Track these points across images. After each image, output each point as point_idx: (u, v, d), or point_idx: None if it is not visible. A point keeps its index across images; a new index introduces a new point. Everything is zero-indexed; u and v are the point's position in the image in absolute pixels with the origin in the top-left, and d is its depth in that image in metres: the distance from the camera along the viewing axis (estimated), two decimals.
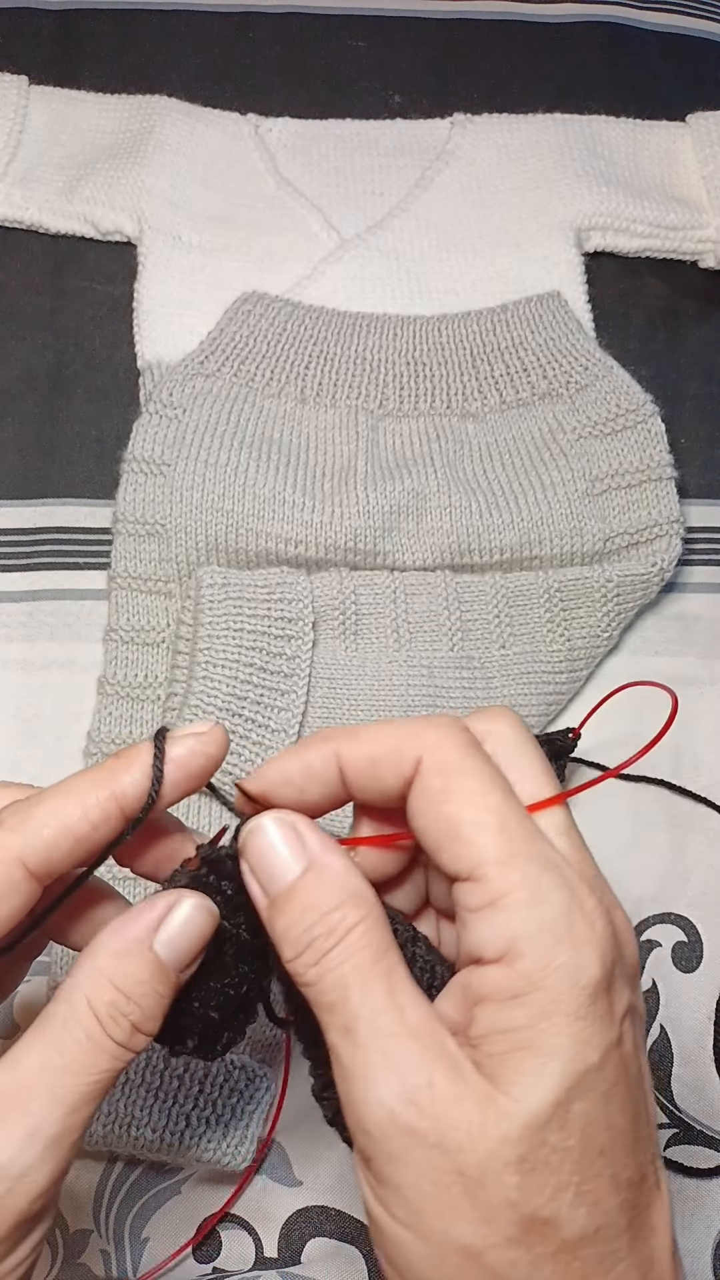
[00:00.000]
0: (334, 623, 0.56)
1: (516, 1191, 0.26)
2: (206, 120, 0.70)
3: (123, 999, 0.30)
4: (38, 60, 0.72)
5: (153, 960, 0.30)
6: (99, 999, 0.30)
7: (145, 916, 0.30)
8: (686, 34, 0.78)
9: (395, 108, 0.74)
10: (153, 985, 0.30)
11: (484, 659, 0.57)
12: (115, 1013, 0.30)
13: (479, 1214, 0.26)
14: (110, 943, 0.30)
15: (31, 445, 0.63)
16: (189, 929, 0.31)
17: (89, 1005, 0.30)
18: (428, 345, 0.64)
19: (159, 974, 0.30)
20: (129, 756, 0.31)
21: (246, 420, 0.60)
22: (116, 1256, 0.48)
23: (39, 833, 0.30)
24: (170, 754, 0.31)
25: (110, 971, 0.30)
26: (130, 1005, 0.30)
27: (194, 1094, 0.48)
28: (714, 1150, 0.52)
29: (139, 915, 0.31)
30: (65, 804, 0.31)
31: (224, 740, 0.32)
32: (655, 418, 0.61)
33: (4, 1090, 0.29)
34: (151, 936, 0.30)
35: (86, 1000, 0.30)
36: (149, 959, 0.30)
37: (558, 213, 0.68)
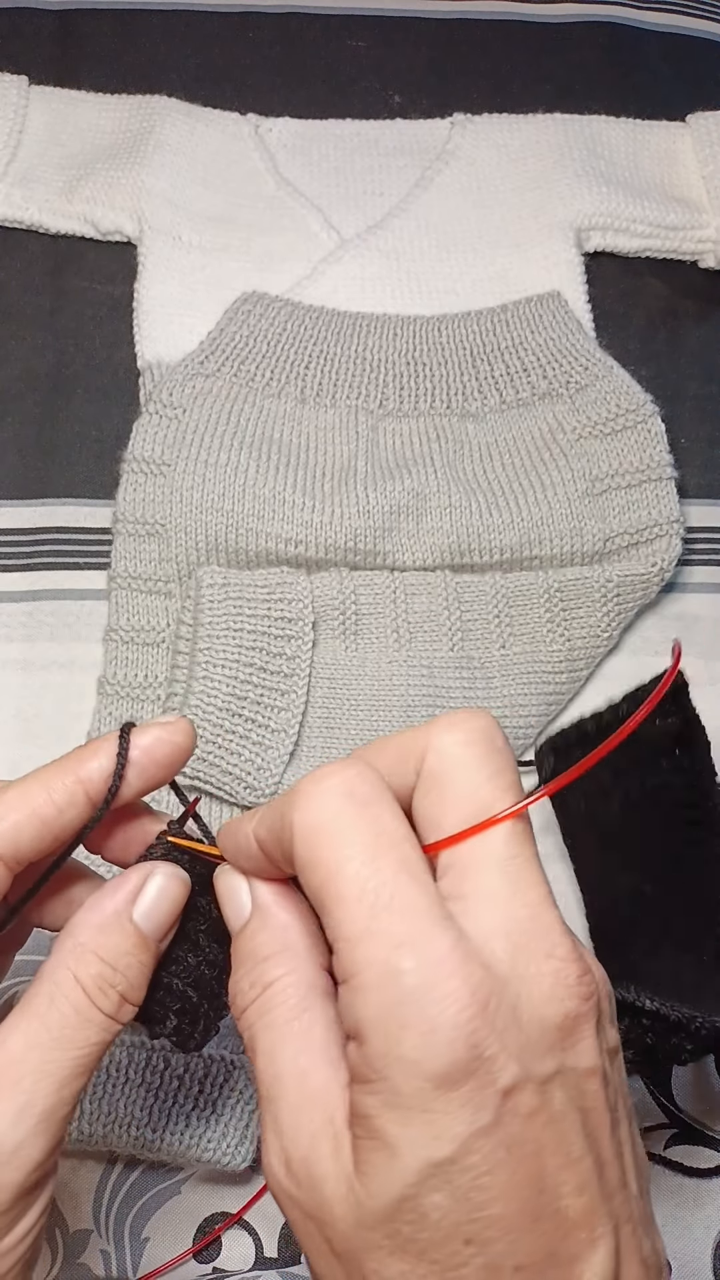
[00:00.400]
0: (334, 623, 0.57)
1: (376, 1275, 0.25)
2: (206, 120, 0.70)
3: (109, 970, 0.30)
4: (38, 60, 0.72)
5: (133, 931, 0.31)
6: (85, 972, 0.30)
7: (122, 889, 0.31)
8: (686, 34, 0.78)
9: (395, 108, 0.74)
10: (136, 955, 0.31)
11: (484, 659, 0.57)
12: (103, 984, 0.30)
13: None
14: (89, 918, 0.31)
15: (31, 445, 0.63)
16: (164, 898, 0.31)
17: (75, 979, 0.30)
18: (428, 345, 0.64)
19: (141, 944, 0.31)
20: (95, 744, 0.32)
21: (246, 420, 0.60)
22: (116, 1256, 0.48)
23: (5, 818, 0.31)
24: (137, 742, 0.32)
25: (94, 945, 0.30)
26: (117, 976, 0.30)
27: (194, 1094, 0.48)
28: (714, 1150, 0.52)
29: (116, 889, 0.31)
30: (31, 790, 0.31)
31: (190, 730, 0.33)
32: (655, 418, 0.61)
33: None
34: (130, 908, 0.31)
35: (72, 975, 0.30)
36: (130, 930, 0.31)
37: (558, 213, 0.68)
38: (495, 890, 0.27)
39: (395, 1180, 0.25)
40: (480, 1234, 0.25)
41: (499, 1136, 0.25)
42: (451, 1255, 0.25)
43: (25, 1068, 0.29)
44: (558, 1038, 0.26)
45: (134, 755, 0.32)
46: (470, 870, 0.27)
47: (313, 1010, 0.28)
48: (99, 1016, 0.30)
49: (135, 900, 0.31)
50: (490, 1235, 0.25)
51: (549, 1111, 0.25)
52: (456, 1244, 0.25)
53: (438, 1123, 0.25)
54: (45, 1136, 0.29)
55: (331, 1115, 0.26)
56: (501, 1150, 0.25)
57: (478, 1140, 0.25)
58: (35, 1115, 0.29)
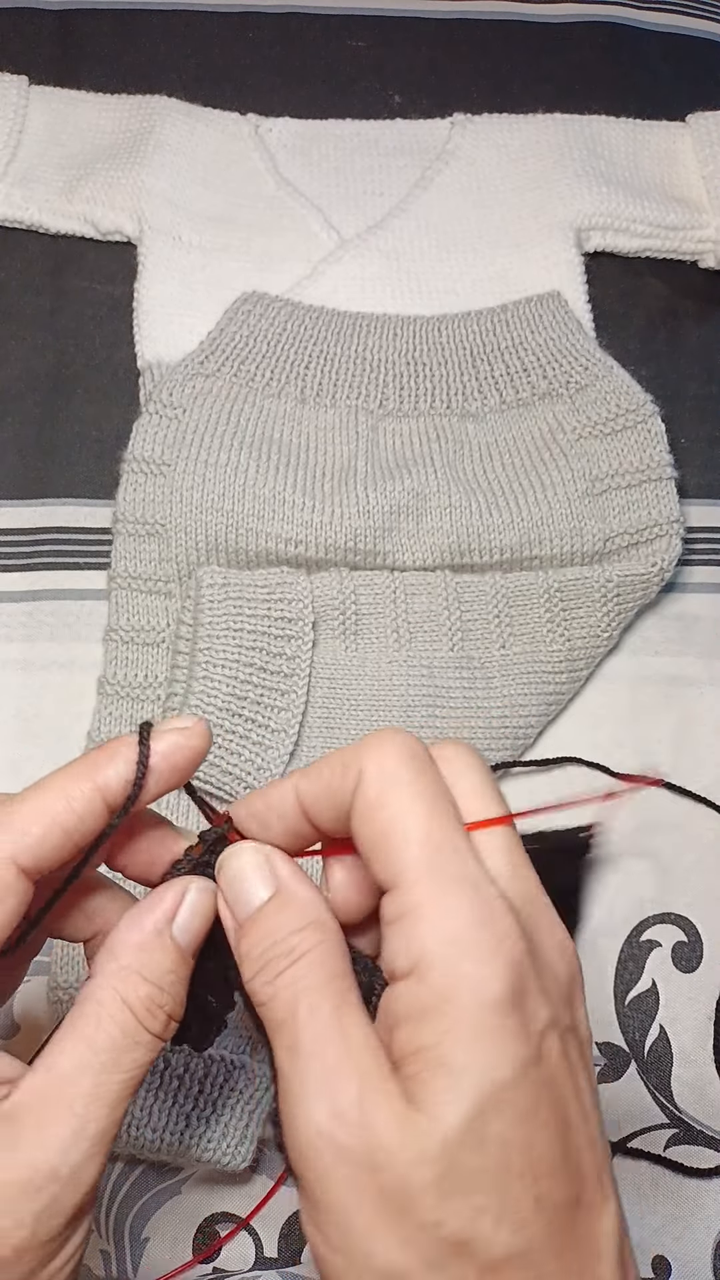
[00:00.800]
0: (334, 623, 0.57)
1: (435, 1213, 0.26)
2: (206, 120, 0.70)
3: (156, 991, 0.30)
4: (38, 60, 0.72)
5: (174, 949, 0.31)
6: (133, 994, 0.30)
7: (160, 907, 0.31)
8: (686, 34, 0.78)
9: (395, 108, 0.74)
10: (178, 973, 0.31)
11: (484, 659, 0.57)
12: (151, 1005, 0.30)
13: (400, 1235, 0.26)
14: (129, 937, 0.31)
15: (31, 445, 0.63)
16: (198, 913, 0.32)
17: (123, 1001, 0.30)
18: (428, 345, 0.64)
19: (182, 960, 0.31)
20: (111, 749, 0.32)
21: (246, 420, 0.60)
22: (116, 1256, 0.48)
23: (27, 830, 0.31)
24: (155, 747, 0.32)
25: (138, 965, 0.31)
26: (164, 995, 0.31)
27: (194, 1094, 0.48)
28: (714, 1150, 0.52)
29: (154, 906, 0.31)
30: (50, 799, 0.31)
31: (207, 734, 0.33)
32: (655, 418, 0.61)
33: (46, 1093, 0.29)
34: (169, 926, 0.31)
35: (120, 997, 0.30)
36: (170, 948, 0.31)
37: (558, 213, 0.68)
38: (505, 871, 0.29)
39: (463, 1103, 0.26)
40: (531, 1167, 0.26)
41: (540, 1071, 0.27)
42: (507, 1187, 0.26)
43: (77, 1091, 0.29)
44: (567, 994, 0.29)
45: (152, 761, 0.32)
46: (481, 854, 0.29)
47: (347, 978, 0.29)
48: (147, 1037, 0.30)
49: (173, 917, 0.31)
50: (540, 1170, 0.26)
51: (569, 1061, 0.28)
52: (512, 1176, 0.26)
53: (500, 1043, 0.26)
54: (99, 1158, 0.29)
55: (378, 1062, 0.27)
56: (542, 1087, 0.27)
57: (528, 1069, 0.26)
58: (90, 1138, 0.29)
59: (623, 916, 0.55)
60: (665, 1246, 0.50)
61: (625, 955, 0.55)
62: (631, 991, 0.54)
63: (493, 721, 0.56)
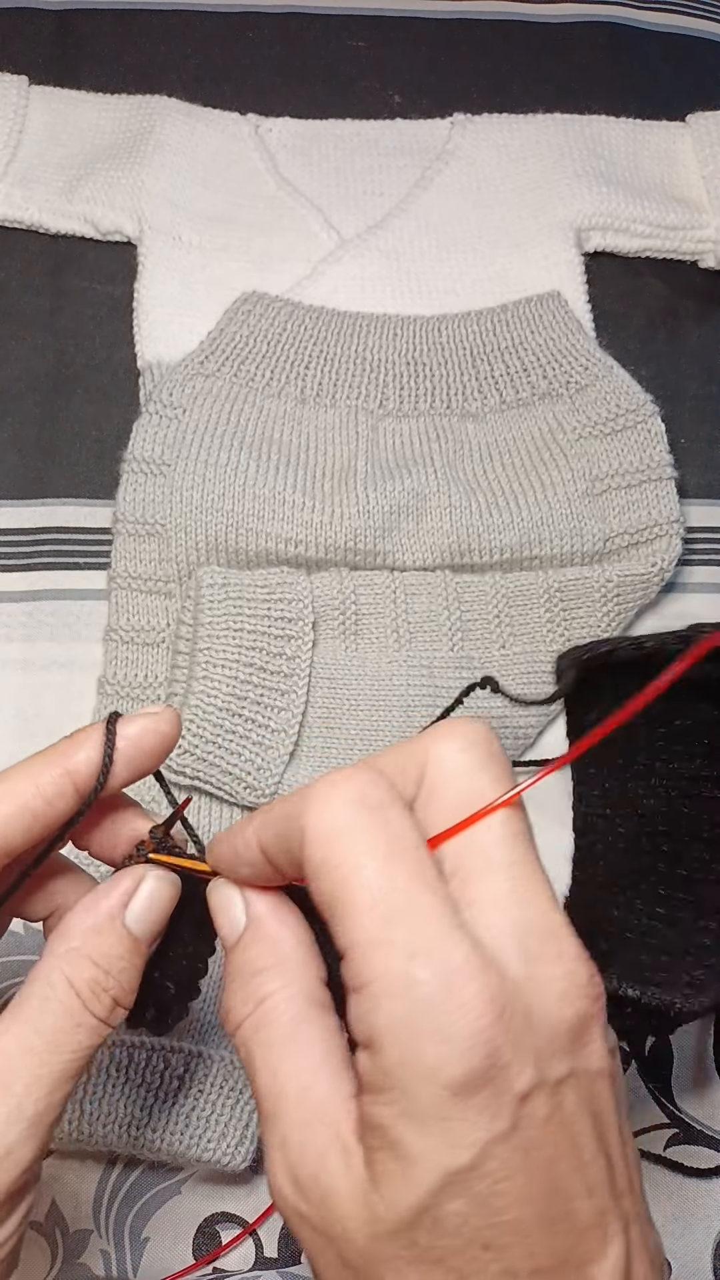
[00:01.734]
0: (334, 623, 0.57)
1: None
2: (206, 120, 0.70)
3: (102, 974, 0.30)
4: (38, 60, 0.72)
5: (126, 935, 0.31)
6: (80, 976, 0.30)
7: (114, 893, 0.31)
8: (686, 34, 0.78)
9: (395, 108, 0.74)
10: (129, 959, 0.31)
11: (484, 659, 0.57)
12: (96, 988, 0.30)
13: None
14: (82, 921, 0.31)
15: (31, 445, 0.63)
16: (155, 902, 0.32)
17: (69, 983, 0.30)
18: (428, 345, 0.64)
19: (133, 948, 0.31)
20: (81, 735, 0.32)
21: (246, 420, 0.60)
22: (116, 1256, 0.48)
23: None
24: (124, 732, 0.32)
25: (88, 949, 0.31)
26: (110, 980, 0.30)
27: (194, 1094, 0.48)
28: (714, 1150, 0.52)
29: (108, 892, 0.31)
30: (18, 782, 0.31)
31: (175, 720, 0.33)
32: (655, 418, 0.61)
33: None
34: (122, 912, 0.31)
35: (66, 979, 0.30)
36: (123, 934, 0.31)
37: (558, 213, 0.68)
38: (503, 895, 0.26)
39: (413, 1190, 0.25)
40: (498, 1239, 0.25)
41: (516, 1142, 0.25)
42: (470, 1261, 0.25)
43: (17, 1072, 0.29)
44: (569, 1040, 0.26)
45: (121, 746, 0.32)
46: (475, 876, 0.27)
47: (310, 1023, 0.28)
48: (91, 1020, 0.30)
49: (128, 904, 0.31)
50: (508, 1240, 0.25)
51: (562, 1115, 0.25)
52: (475, 1250, 0.25)
53: (456, 1131, 0.24)
54: (35, 1140, 0.29)
55: (339, 1129, 0.26)
56: (519, 1155, 0.25)
57: (496, 1146, 0.25)
58: (26, 1119, 0.29)
59: None
60: (665, 1246, 0.50)
61: None
62: None
63: (492, 722, 0.56)
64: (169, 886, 0.32)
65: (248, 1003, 0.28)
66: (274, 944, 0.29)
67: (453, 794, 0.27)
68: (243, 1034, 0.28)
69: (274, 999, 0.28)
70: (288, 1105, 0.27)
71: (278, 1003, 0.28)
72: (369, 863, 0.26)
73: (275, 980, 0.28)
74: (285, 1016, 0.28)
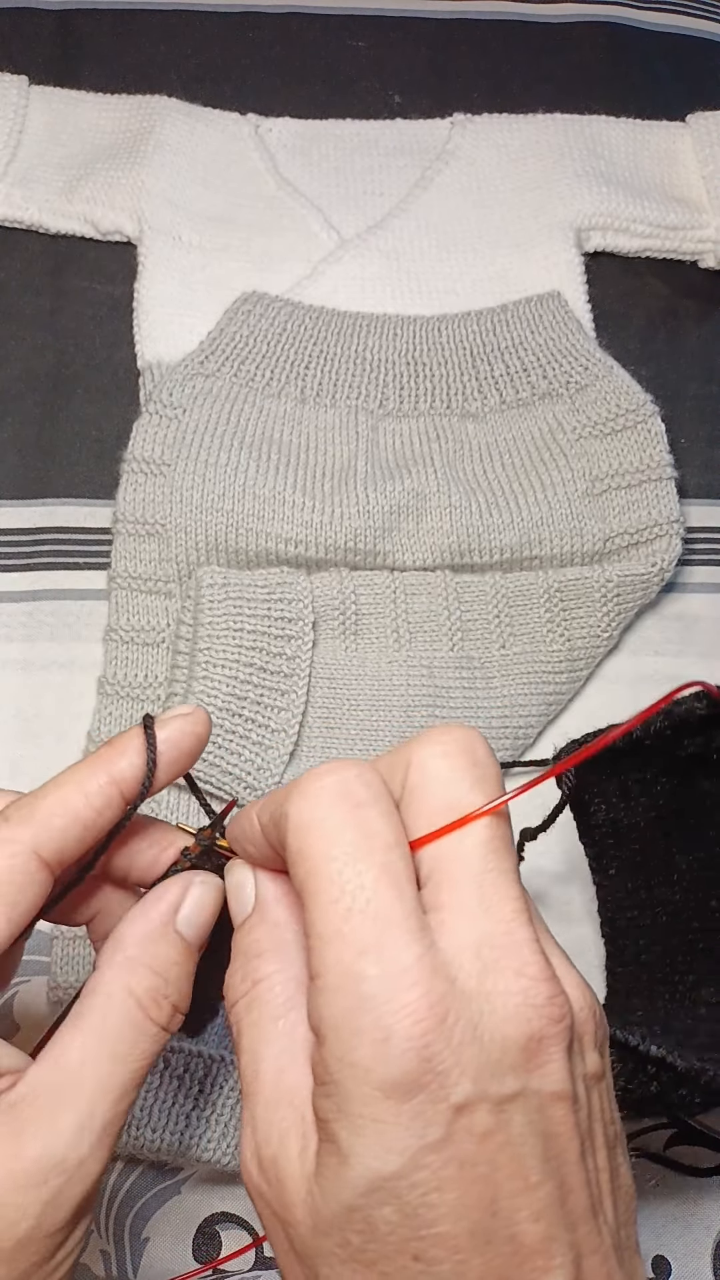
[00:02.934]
0: (334, 623, 0.56)
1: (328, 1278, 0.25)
2: (206, 120, 0.70)
3: (161, 982, 0.31)
4: (38, 60, 0.72)
5: (179, 941, 0.31)
6: (139, 985, 0.30)
7: (165, 899, 0.32)
8: (686, 34, 0.78)
9: (395, 108, 0.74)
10: (183, 965, 0.31)
11: (484, 659, 0.57)
12: (157, 996, 0.30)
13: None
14: (135, 929, 0.31)
15: (31, 445, 0.63)
16: (204, 906, 0.32)
17: (129, 992, 0.30)
18: (428, 345, 0.64)
19: (187, 953, 0.31)
20: (122, 742, 0.32)
21: (246, 420, 0.60)
22: (116, 1256, 0.48)
23: (49, 823, 0.31)
24: (161, 735, 0.32)
25: (144, 957, 0.31)
26: (169, 987, 0.31)
27: (194, 1094, 0.48)
28: (714, 1150, 0.52)
29: (159, 899, 0.32)
30: (69, 793, 0.31)
31: (207, 720, 0.33)
32: (655, 418, 0.61)
33: (53, 1086, 0.29)
34: (174, 918, 0.31)
35: (126, 988, 0.30)
36: (176, 940, 0.31)
37: (558, 213, 0.68)
38: (469, 904, 0.26)
39: (345, 1189, 0.25)
40: (427, 1252, 0.25)
41: (449, 1153, 0.24)
42: (400, 1270, 0.25)
43: (84, 1083, 0.29)
44: (520, 1058, 0.25)
45: (159, 749, 0.32)
46: (448, 882, 0.27)
47: (298, 1010, 0.28)
48: (153, 1028, 0.30)
49: (178, 910, 0.32)
50: (438, 1254, 0.25)
51: (506, 1133, 0.25)
52: (405, 1259, 0.25)
53: (387, 1134, 0.24)
54: (105, 1150, 0.29)
55: (303, 1114, 0.27)
56: (452, 1168, 0.24)
57: (426, 1155, 0.24)
58: (96, 1130, 0.29)
59: None
60: (665, 1246, 0.50)
61: None
62: None
63: (493, 721, 0.56)
64: (214, 891, 0.32)
65: (245, 982, 0.29)
66: (276, 928, 0.30)
67: (431, 799, 0.28)
68: (236, 1012, 0.29)
69: (269, 981, 0.29)
70: (262, 1085, 0.27)
71: (271, 985, 0.29)
72: (339, 855, 0.26)
73: (273, 963, 0.29)
74: (276, 1000, 0.28)
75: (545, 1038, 0.26)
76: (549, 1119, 0.26)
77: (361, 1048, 0.25)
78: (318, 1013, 0.26)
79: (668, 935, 0.48)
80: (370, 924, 0.25)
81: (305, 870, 0.27)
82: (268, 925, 0.30)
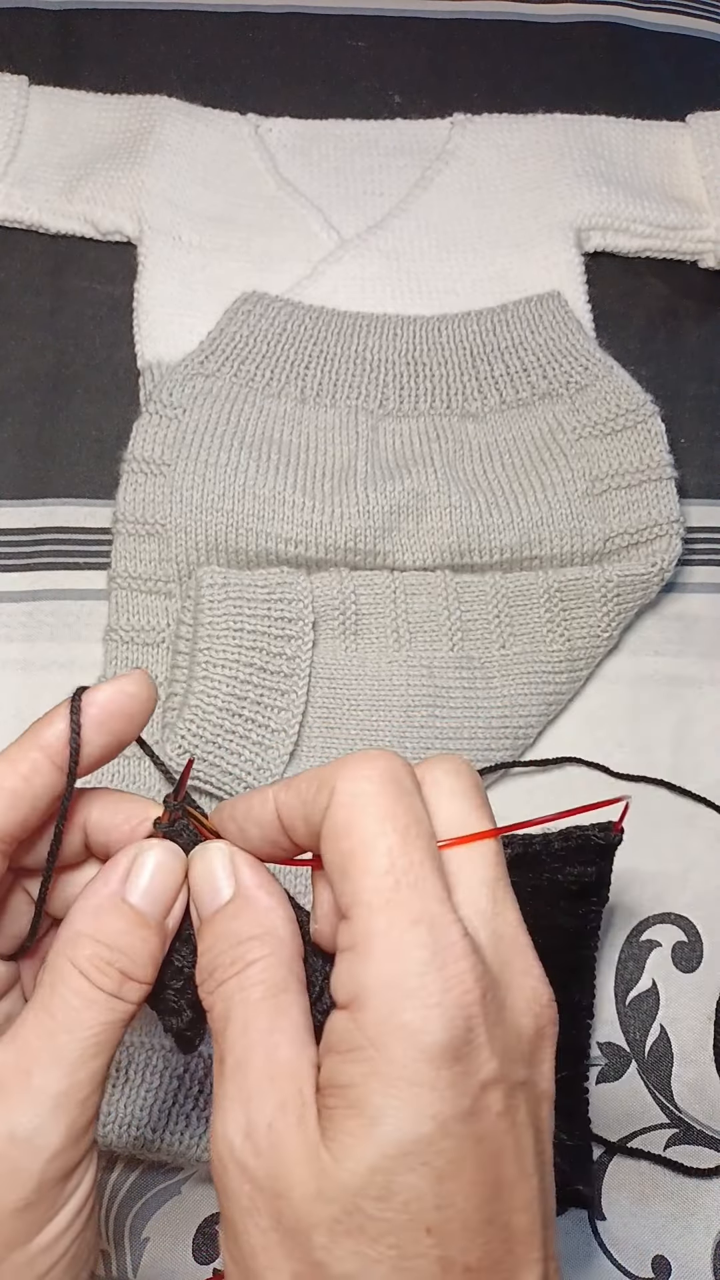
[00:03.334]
0: (334, 623, 0.56)
1: (324, 1253, 0.25)
2: (206, 120, 0.70)
3: (104, 949, 0.30)
4: (38, 60, 0.72)
5: (129, 911, 0.31)
6: (79, 954, 0.30)
7: (113, 872, 0.32)
8: (686, 34, 0.78)
9: (395, 108, 0.74)
10: (136, 934, 0.31)
11: (484, 659, 0.57)
12: (99, 963, 0.30)
13: (292, 1268, 0.25)
14: (84, 904, 0.31)
15: (31, 445, 0.63)
16: (161, 875, 0.32)
17: (71, 963, 0.30)
18: (428, 345, 0.64)
19: (140, 922, 0.31)
20: (50, 713, 0.32)
21: (246, 420, 0.60)
22: (116, 1256, 0.48)
23: None
24: (93, 699, 0.32)
25: (89, 929, 0.31)
26: (114, 953, 0.30)
27: (194, 1094, 0.48)
28: (714, 1150, 0.52)
29: (107, 873, 0.32)
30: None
31: (143, 679, 0.33)
32: (655, 418, 0.61)
33: (7, 1064, 0.29)
34: (122, 889, 0.31)
35: (69, 959, 0.30)
36: (124, 910, 0.31)
37: (558, 213, 0.68)
38: (483, 906, 0.28)
39: (370, 1151, 0.25)
40: (442, 1225, 0.25)
41: (473, 1127, 0.25)
42: (411, 1243, 0.25)
43: (36, 1057, 0.29)
44: (529, 1049, 0.27)
45: (91, 713, 0.32)
46: (462, 884, 0.28)
47: (290, 993, 0.29)
48: (101, 996, 0.30)
49: (126, 880, 0.31)
50: (452, 1229, 0.25)
51: (513, 1119, 0.26)
52: (418, 1231, 0.25)
53: (423, 1099, 0.25)
54: (62, 1122, 0.29)
55: (300, 1087, 0.27)
56: (471, 1141, 0.25)
57: (455, 1125, 0.25)
58: (47, 1101, 0.29)
59: (623, 916, 0.55)
60: (665, 1246, 0.50)
61: (625, 955, 0.55)
62: (632, 991, 0.54)
63: (493, 721, 0.56)
64: (174, 859, 0.32)
65: (235, 964, 0.29)
66: (263, 914, 0.30)
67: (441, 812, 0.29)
68: (225, 990, 0.29)
69: (261, 963, 0.29)
70: (255, 1057, 0.28)
71: (264, 967, 0.29)
72: (391, 832, 0.27)
73: (263, 948, 0.29)
74: (269, 981, 0.29)
75: (546, 1036, 0.28)
76: (538, 1116, 0.27)
77: (411, 1010, 0.25)
78: (358, 979, 0.26)
79: None
80: (419, 898, 0.26)
81: (354, 843, 0.27)
82: (254, 911, 0.30)
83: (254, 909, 0.30)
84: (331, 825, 0.28)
